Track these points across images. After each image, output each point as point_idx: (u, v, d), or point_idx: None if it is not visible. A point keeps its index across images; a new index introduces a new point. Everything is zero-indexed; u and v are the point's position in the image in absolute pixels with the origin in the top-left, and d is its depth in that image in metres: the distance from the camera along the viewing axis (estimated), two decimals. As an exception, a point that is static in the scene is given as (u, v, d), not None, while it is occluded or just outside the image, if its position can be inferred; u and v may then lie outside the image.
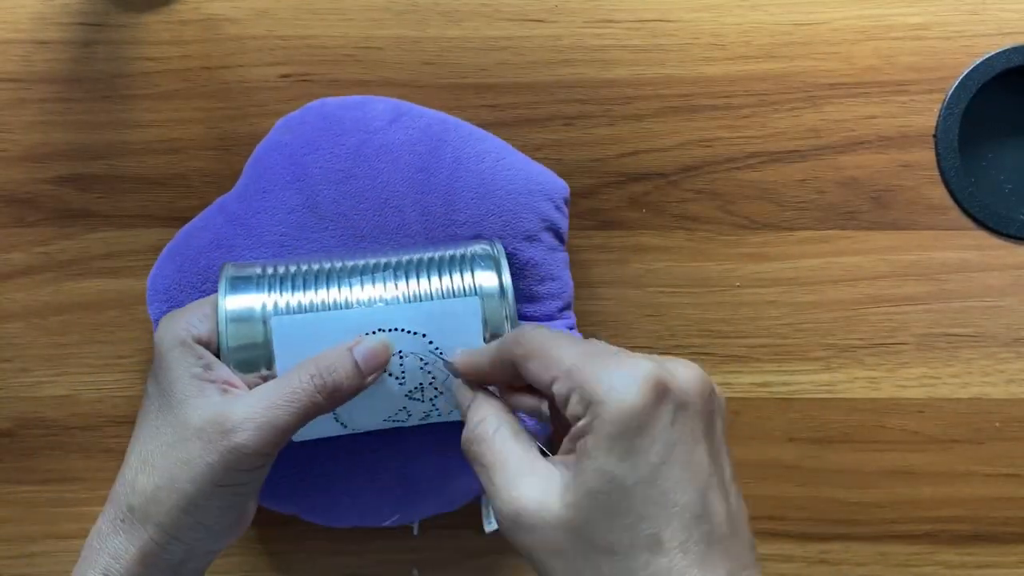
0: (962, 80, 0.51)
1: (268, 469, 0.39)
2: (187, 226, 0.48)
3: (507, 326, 0.40)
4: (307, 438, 0.42)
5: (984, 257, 0.51)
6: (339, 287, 0.41)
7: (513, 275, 0.44)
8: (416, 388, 0.40)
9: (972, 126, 0.51)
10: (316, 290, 0.40)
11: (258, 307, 0.40)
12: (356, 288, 0.41)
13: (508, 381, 0.36)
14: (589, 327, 0.51)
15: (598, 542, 0.30)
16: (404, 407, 0.41)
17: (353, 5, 0.51)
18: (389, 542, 0.51)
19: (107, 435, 0.51)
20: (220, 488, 0.37)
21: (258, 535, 0.52)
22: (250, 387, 0.39)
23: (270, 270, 0.42)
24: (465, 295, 0.40)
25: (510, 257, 0.46)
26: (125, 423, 0.51)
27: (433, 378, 0.40)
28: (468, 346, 0.39)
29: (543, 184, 0.48)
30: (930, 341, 0.51)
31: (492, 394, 0.36)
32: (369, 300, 0.40)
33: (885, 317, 0.51)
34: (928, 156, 0.51)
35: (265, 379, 0.40)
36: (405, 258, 0.42)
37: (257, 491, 0.40)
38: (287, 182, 0.47)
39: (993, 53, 0.51)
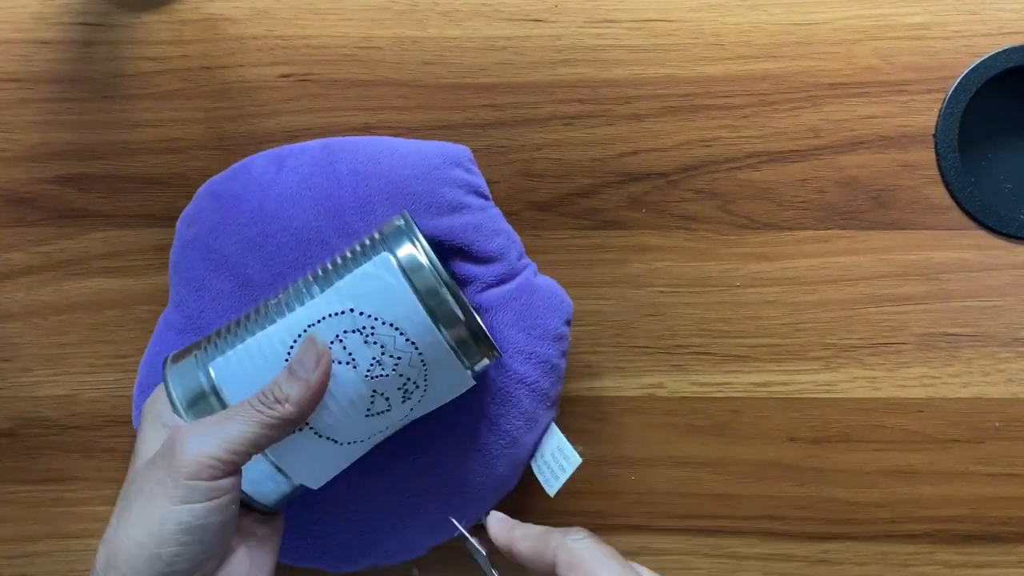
0: (962, 80, 0.51)
1: (233, 510, 0.37)
2: (144, 356, 0.48)
3: (430, 274, 0.40)
4: (314, 479, 0.42)
5: (984, 257, 0.51)
6: (262, 316, 0.41)
7: (462, 244, 0.45)
8: (372, 364, 0.39)
9: (972, 126, 0.51)
10: (244, 327, 0.41)
11: (197, 363, 0.40)
12: (275, 308, 0.41)
13: (537, 569, 0.38)
14: (589, 327, 0.51)
15: None
16: (373, 392, 0.40)
17: (353, 5, 0.51)
18: (389, 542, 0.51)
19: (107, 435, 0.51)
20: (182, 529, 0.35)
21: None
22: None
23: (204, 339, 0.42)
24: (373, 256, 0.40)
25: (447, 233, 0.46)
26: (125, 423, 0.51)
27: (382, 347, 0.39)
28: (402, 304, 0.39)
29: (444, 155, 0.47)
30: (930, 341, 0.51)
31: None
32: (288, 307, 0.40)
33: (885, 317, 0.51)
34: (928, 156, 0.51)
35: None
36: (320, 266, 0.42)
37: (227, 539, 0.38)
38: (212, 272, 0.47)
39: (993, 53, 0.51)
